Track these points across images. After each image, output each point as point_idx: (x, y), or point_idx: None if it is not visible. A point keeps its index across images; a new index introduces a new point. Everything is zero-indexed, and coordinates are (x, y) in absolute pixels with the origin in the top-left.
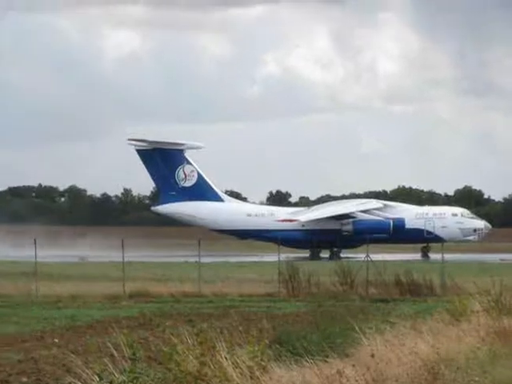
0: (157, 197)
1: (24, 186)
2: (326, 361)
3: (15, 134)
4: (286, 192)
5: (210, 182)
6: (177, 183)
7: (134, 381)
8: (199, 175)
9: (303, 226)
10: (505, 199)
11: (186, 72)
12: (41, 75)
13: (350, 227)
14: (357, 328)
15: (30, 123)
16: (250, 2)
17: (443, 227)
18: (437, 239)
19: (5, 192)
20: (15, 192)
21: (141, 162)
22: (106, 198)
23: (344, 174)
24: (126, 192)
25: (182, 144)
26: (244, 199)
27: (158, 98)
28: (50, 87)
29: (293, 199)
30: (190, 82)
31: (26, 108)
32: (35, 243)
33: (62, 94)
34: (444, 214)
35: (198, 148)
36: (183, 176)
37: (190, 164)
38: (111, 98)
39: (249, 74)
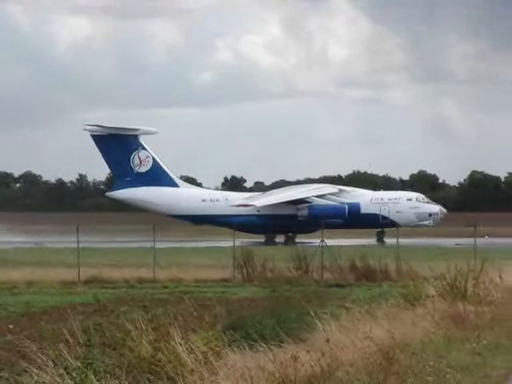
0: (112, 182)
1: None
2: (280, 346)
3: None
4: (241, 177)
5: (164, 168)
6: (132, 169)
7: (89, 367)
8: (154, 160)
9: (258, 211)
10: (460, 184)
11: (139, 59)
12: (1, 60)
13: (305, 212)
14: (312, 313)
15: None
16: None
17: (398, 212)
18: (392, 224)
19: None
20: None
21: (96, 148)
22: (61, 183)
23: (299, 159)
24: (82, 178)
25: (137, 129)
26: (199, 184)
27: (112, 84)
28: (3, 74)
29: (248, 184)
30: (143, 69)
31: None
32: None
33: (16, 81)
34: (399, 198)
35: (152, 133)
36: (138, 161)
37: (145, 149)
38: (65, 84)
39: (201, 60)
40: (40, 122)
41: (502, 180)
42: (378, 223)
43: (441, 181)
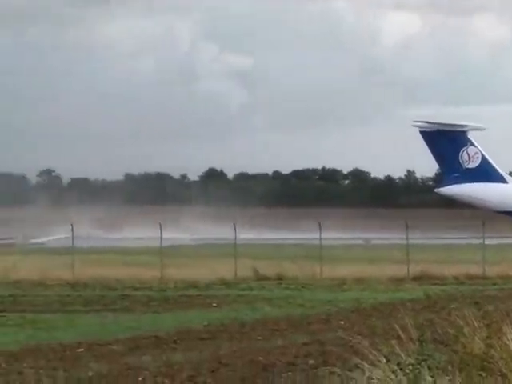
0: (440, 178)
1: (308, 169)
2: None
3: (295, 116)
4: None
5: (493, 164)
6: (460, 165)
7: (422, 363)
8: (483, 157)
9: None
10: None
11: (464, 55)
12: (322, 58)
13: None
14: None
15: (313, 107)
16: None
17: None
18: None
19: (288, 175)
20: (299, 175)
21: (424, 144)
22: (389, 180)
23: None
24: (410, 174)
25: (465, 126)
26: None
27: (436, 81)
28: (328, 69)
29: None
30: (467, 66)
31: (305, 91)
32: (320, 226)
33: (343, 76)
34: None
35: (480, 129)
36: (467, 158)
37: (474, 146)
38: (391, 80)
39: None
40: (368, 119)
41: None
42: None
43: None
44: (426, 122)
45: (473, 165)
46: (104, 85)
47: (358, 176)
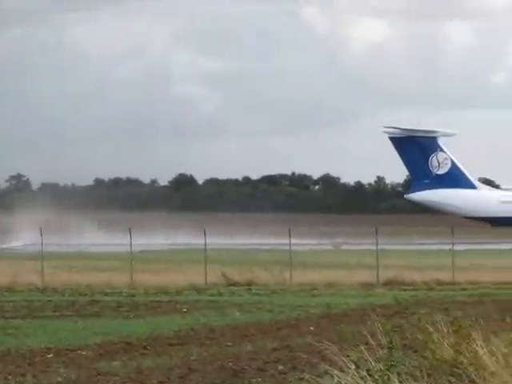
0: (410, 184)
1: (278, 175)
2: None
3: (266, 122)
4: None
5: (463, 170)
6: (430, 171)
7: (391, 369)
8: (453, 163)
9: None
10: None
11: (434, 60)
12: (296, 64)
13: None
14: None
15: (280, 112)
16: None
17: None
18: None
19: (259, 180)
20: (269, 180)
21: (394, 150)
22: (359, 185)
23: None
24: (380, 180)
25: (435, 131)
26: (497, 187)
27: (407, 86)
28: (304, 78)
29: None
30: (437, 71)
31: (277, 97)
32: (289, 232)
33: (314, 83)
34: None
35: (450, 135)
36: (436, 163)
37: (444, 151)
38: (362, 86)
39: (495, 61)
40: (338, 125)
41: None
42: None
43: None
44: (396, 128)
45: (442, 171)
46: (76, 88)
47: (328, 181)
